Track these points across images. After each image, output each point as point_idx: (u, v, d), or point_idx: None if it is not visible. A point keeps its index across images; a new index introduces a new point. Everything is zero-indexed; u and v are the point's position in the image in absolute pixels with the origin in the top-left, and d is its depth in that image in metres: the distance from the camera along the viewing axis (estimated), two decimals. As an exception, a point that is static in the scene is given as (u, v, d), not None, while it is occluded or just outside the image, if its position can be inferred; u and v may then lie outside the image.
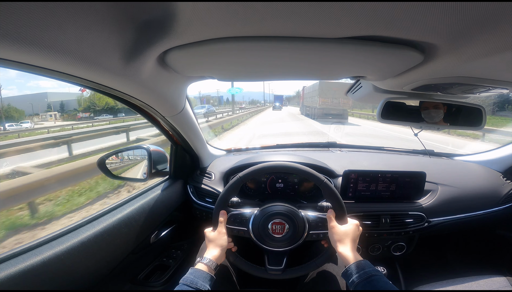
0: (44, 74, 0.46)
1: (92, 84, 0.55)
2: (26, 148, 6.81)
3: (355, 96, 1.06)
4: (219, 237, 0.82)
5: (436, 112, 0.86)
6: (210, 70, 0.67)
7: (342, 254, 0.73)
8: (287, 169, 0.87)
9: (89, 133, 9.21)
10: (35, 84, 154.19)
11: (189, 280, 0.69)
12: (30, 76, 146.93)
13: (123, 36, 0.43)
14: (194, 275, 0.70)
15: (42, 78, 31.56)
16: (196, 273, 0.71)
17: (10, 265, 0.59)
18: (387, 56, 0.54)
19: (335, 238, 0.77)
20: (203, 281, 0.69)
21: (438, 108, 0.87)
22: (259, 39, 0.48)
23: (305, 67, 0.65)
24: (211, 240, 0.82)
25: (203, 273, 0.72)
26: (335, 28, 0.44)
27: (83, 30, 0.38)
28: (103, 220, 0.84)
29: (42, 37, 0.35)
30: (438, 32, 0.43)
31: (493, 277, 0.91)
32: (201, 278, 0.70)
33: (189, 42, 0.49)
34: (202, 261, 0.75)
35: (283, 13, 0.39)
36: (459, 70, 0.60)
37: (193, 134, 1.12)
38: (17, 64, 0.41)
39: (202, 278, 0.70)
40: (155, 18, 0.41)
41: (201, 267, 0.74)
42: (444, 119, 0.88)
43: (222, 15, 0.39)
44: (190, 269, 0.73)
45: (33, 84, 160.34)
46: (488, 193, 1.19)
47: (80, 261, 0.73)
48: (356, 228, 0.79)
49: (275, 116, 23.13)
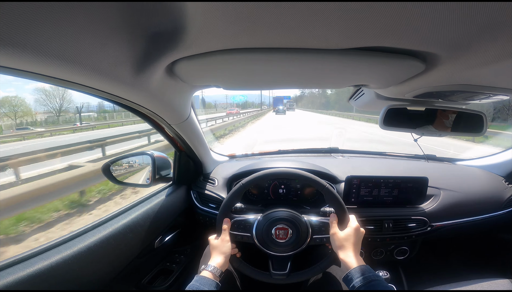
0: (57, 84, 0.47)
1: (101, 93, 0.56)
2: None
3: (357, 103, 1.07)
4: (223, 245, 0.83)
5: (449, 122, 0.88)
6: (216, 79, 0.69)
7: (343, 260, 0.74)
8: (290, 175, 0.88)
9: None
10: (33, 86, 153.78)
11: (194, 287, 0.70)
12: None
13: (135, 48, 0.45)
14: (200, 282, 0.71)
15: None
16: (201, 280, 0.72)
17: (19, 269, 0.60)
18: (389, 65, 0.56)
19: (336, 244, 0.78)
20: (208, 288, 0.70)
21: (450, 118, 0.88)
22: (265, 50, 0.50)
23: (309, 77, 0.67)
24: (215, 247, 0.83)
25: (208, 280, 0.73)
26: (339, 39, 0.45)
27: (96, 41, 0.39)
28: (108, 225, 0.85)
29: (54, 48, 0.37)
30: (439, 42, 0.45)
31: (496, 280, 0.90)
32: (206, 285, 0.71)
33: (198, 53, 0.51)
34: (207, 268, 0.76)
35: (288, 26, 0.40)
36: (460, 78, 0.61)
37: (197, 141, 1.13)
38: (30, 74, 0.41)
39: (208, 285, 0.71)
40: (166, 30, 0.42)
41: (206, 275, 0.75)
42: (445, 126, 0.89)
43: (231, 28, 0.41)
44: (196, 276, 0.74)
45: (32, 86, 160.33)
46: (490, 197, 1.19)
47: (86, 265, 0.73)
48: (356, 231, 0.79)
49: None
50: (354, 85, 0.81)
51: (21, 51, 0.34)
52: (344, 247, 0.76)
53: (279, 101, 47.48)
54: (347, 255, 0.74)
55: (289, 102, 54.26)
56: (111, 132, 13.06)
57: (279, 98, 49.97)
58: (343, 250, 0.76)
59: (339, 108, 34.06)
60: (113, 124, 25.46)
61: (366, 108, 1.08)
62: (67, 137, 16.86)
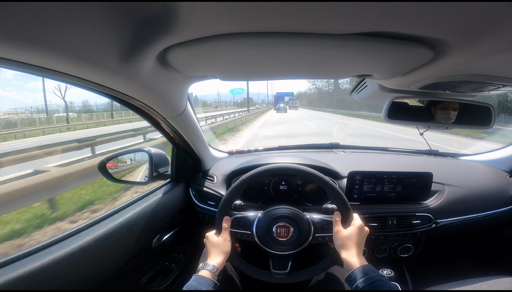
0: (39, 73, 0.45)
1: (90, 83, 0.54)
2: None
3: (360, 96, 1.04)
4: (225, 244, 0.80)
5: (454, 114, 0.85)
6: (212, 69, 0.66)
7: (346, 260, 0.72)
8: (292, 171, 0.85)
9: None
10: (33, 85, 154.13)
11: (192, 287, 0.67)
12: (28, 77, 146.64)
13: (121, 33, 0.42)
14: (198, 282, 0.69)
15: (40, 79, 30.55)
16: (199, 280, 0.69)
17: (9, 271, 0.58)
18: (396, 53, 0.53)
19: (338, 243, 0.76)
20: (207, 288, 0.68)
21: (456, 110, 0.85)
22: (262, 35, 0.47)
23: (311, 66, 0.64)
24: (215, 245, 0.81)
25: (207, 279, 0.70)
26: (342, 24, 0.42)
27: (78, 27, 0.36)
28: (103, 224, 0.82)
29: (35, 34, 0.34)
30: (450, 28, 0.42)
31: (501, 278, 0.88)
32: (204, 285, 0.68)
33: (190, 39, 0.47)
34: (205, 267, 0.74)
35: (288, 8, 0.37)
36: (470, 67, 0.58)
37: (195, 137, 1.11)
38: (10, 63, 0.39)
39: (206, 285, 0.68)
40: (154, 14, 0.39)
41: (205, 274, 0.72)
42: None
43: (225, 10, 0.38)
44: (194, 275, 0.72)
45: (31, 86, 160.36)
46: (495, 193, 1.17)
47: (80, 266, 0.71)
48: (359, 230, 0.77)
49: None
50: (358, 75, 0.78)
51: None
52: (347, 246, 0.74)
53: (280, 99, 48.03)
54: (349, 255, 0.72)
55: (291, 100, 52.90)
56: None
57: (280, 97, 49.94)
58: (346, 249, 0.74)
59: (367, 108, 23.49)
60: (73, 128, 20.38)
61: (369, 101, 1.06)
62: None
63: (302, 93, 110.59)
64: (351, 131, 10.88)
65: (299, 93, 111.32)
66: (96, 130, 18.08)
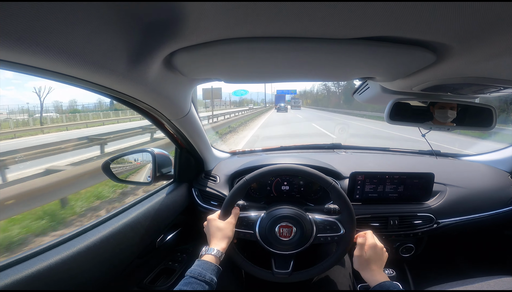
0: (50, 78, 0.45)
1: (98, 87, 0.55)
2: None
3: (362, 97, 1.05)
4: (229, 229, 0.79)
5: (452, 113, 0.85)
6: (217, 72, 0.66)
7: (367, 279, 0.73)
8: (294, 171, 0.86)
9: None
10: (33, 85, 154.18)
11: (196, 272, 0.65)
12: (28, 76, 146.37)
13: (130, 38, 0.43)
14: (202, 267, 0.67)
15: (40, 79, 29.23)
16: (204, 265, 0.67)
17: (17, 271, 0.58)
18: (398, 56, 0.53)
19: (358, 265, 0.77)
20: (211, 274, 0.66)
21: (453, 109, 0.85)
22: (267, 40, 0.47)
23: (314, 69, 0.64)
24: (219, 229, 0.78)
25: (211, 265, 0.68)
26: (346, 28, 0.43)
27: (90, 33, 0.37)
28: (108, 224, 0.83)
29: (48, 40, 0.35)
30: (451, 33, 0.42)
31: (503, 278, 0.89)
32: (209, 270, 0.66)
33: (196, 43, 0.48)
34: (210, 252, 0.72)
35: (293, 13, 0.38)
36: (472, 70, 0.59)
37: (198, 137, 1.11)
38: (21, 67, 0.40)
39: (210, 271, 0.66)
40: (162, 20, 0.40)
41: (208, 259, 0.70)
42: (454, 120, 0.86)
43: (231, 15, 0.38)
44: (197, 261, 0.70)
45: (31, 85, 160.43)
46: (496, 193, 1.17)
47: (86, 265, 0.72)
48: (379, 252, 0.77)
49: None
50: (361, 78, 0.79)
51: (4, 39, 0.32)
52: (367, 267, 0.75)
53: (281, 98, 47.24)
54: (369, 274, 0.73)
55: (293, 99, 51.43)
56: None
57: (281, 96, 48.96)
58: (366, 269, 0.75)
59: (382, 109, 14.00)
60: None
61: (371, 102, 1.06)
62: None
63: (307, 92, 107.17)
64: (355, 131, 10.77)
65: (303, 92, 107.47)
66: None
